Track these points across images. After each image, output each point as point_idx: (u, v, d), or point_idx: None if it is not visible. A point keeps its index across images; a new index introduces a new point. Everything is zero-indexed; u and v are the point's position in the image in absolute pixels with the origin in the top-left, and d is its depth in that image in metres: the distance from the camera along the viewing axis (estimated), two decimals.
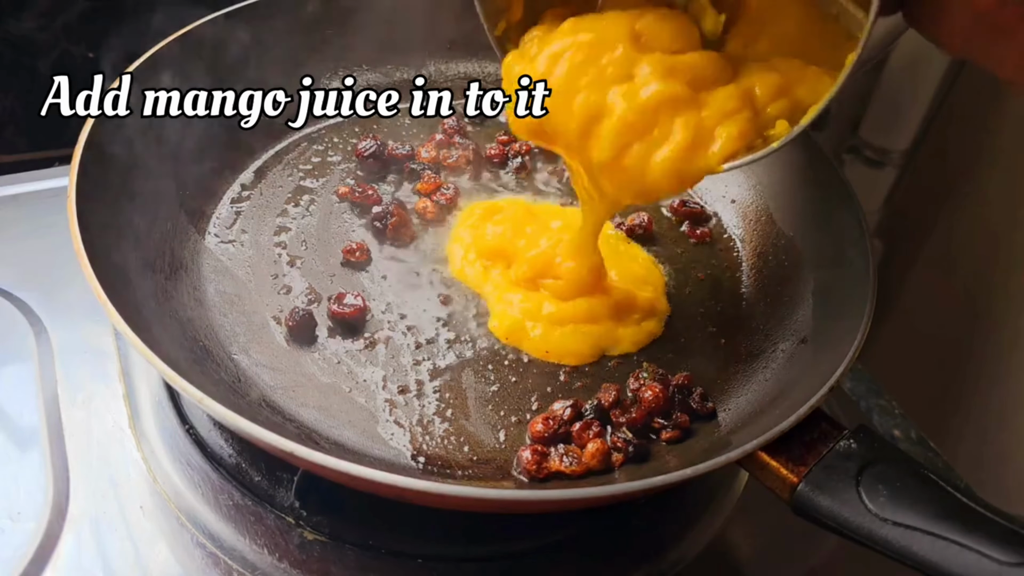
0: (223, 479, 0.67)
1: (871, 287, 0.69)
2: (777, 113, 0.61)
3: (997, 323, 1.00)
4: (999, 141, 1.01)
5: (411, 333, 0.74)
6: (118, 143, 0.73)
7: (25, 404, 0.70)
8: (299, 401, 0.67)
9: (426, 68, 1.00)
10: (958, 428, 1.04)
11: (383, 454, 0.64)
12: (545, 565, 0.65)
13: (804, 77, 0.61)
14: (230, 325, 0.72)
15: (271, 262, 0.78)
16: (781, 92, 0.62)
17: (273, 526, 0.64)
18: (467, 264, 0.80)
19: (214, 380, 0.65)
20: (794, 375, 0.70)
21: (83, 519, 0.63)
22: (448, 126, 0.93)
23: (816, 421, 0.58)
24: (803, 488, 0.55)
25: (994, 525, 0.50)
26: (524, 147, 0.93)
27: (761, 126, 0.62)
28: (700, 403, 0.69)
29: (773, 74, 0.62)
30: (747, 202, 0.89)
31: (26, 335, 0.75)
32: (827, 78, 0.60)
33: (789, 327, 0.76)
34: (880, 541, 0.51)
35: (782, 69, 0.62)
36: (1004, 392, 0.99)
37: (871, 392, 1.01)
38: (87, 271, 0.60)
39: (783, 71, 0.62)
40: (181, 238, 0.76)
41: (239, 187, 0.84)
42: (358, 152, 0.88)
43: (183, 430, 0.69)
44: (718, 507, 0.71)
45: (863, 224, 0.75)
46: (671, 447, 0.67)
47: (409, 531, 0.64)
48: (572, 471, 0.63)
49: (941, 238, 1.11)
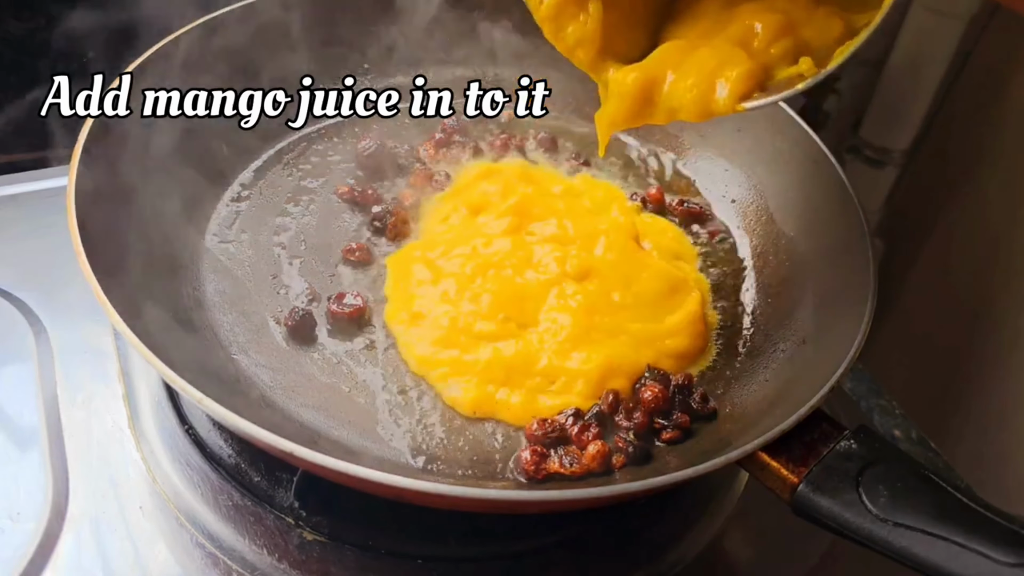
0: (222, 479, 0.66)
1: (871, 287, 0.69)
2: (780, 53, 0.61)
3: (997, 323, 1.00)
4: (999, 141, 1.01)
5: None
6: (118, 143, 0.73)
7: (25, 404, 0.70)
8: (299, 401, 0.67)
9: (426, 68, 1.00)
10: (958, 428, 1.04)
11: (383, 454, 0.64)
12: (545, 565, 0.65)
13: (812, 19, 0.61)
14: (230, 325, 0.71)
15: (271, 262, 0.78)
16: (784, 32, 0.62)
17: (273, 526, 0.64)
18: (454, 213, 0.82)
19: (214, 380, 0.65)
20: (794, 375, 0.70)
21: (83, 519, 0.63)
22: (448, 126, 0.93)
23: (816, 421, 0.58)
24: (803, 488, 0.55)
25: (994, 525, 0.50)
26: (520, 141, 0.93)
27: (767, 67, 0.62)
28: (701, 404, 0.69)
29: (775, 15, 0.62)
30: (747, 202, 0.89)
31: (26, 335, 0.75)
32: (837, 20, 0.60)
33: (789, 327, 0.76)
34: (880, 542, 0.51)
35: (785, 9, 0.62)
36: (1004, 392, 0.99)
37: (871, 392, 1.01)
38: (87, 271, 0.60)
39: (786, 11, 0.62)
40: (181, 238, 0.76)
41: (239, 187, 0.84)
42: (358, 152, 0.88)
43: (182, 430, 0.69)
44: (718, 507, 0.71)
45: (863, 224, 0.74)
46: (671, 448, 0.67)
47: (409, 531, 0.64)
48: (571, 472, 0.63)
49: (941, 238, 1.11)
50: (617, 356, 0.70)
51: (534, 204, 0.83)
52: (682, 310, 0.75)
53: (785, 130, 0.86)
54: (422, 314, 0.73)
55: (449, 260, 0.77)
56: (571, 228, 0.80)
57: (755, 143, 0.89)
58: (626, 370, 0.70)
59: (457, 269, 0.76)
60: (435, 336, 0.72)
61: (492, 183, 0.85)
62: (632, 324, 0.73)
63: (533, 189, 0.84)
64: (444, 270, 0.76)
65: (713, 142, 0.93)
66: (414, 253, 0.79)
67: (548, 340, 0.71)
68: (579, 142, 0.95)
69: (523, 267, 0.77)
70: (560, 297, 0.74)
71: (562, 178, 0.90)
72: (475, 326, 0.72)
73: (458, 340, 0.71)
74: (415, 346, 0.72)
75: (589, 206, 0.86)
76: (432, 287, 0.75)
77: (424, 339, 0.72)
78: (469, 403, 0.68)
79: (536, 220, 0.81)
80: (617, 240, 0.79)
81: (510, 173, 0.87)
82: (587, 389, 0.69)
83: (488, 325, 0.72)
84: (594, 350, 0.71)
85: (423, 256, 0.78)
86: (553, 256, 0.77)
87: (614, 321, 0.73)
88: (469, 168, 0.89)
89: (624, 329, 0.73)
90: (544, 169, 0.91)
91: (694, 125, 0.94)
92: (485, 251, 0.77)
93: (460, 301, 0.73)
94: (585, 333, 0.72)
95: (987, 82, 1.01)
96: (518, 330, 0.72)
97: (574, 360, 0.70)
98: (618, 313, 0.74)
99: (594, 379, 0.69)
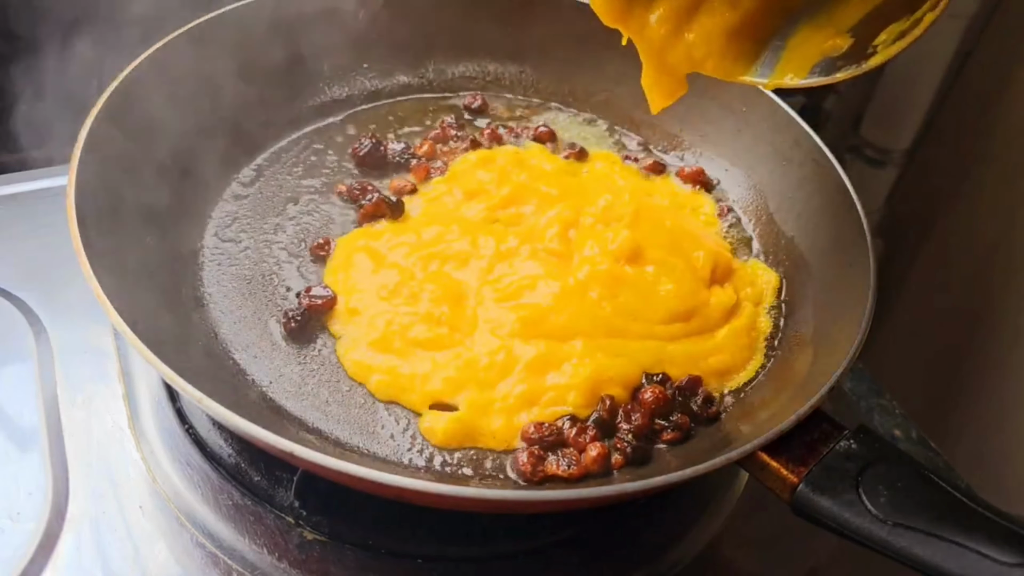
0: (223, 479, 0.66)
1: (871, 287, 0.68)
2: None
3: (997, 323, 1.00)
4: (999, 140, 1.01)
5: None
6: (118, 142, 0.73)
7: (25, 404, 0.70)
8: (299, 401, 0.67)
9: (426, 67, 1.00)
10: (958, 428, 1.04)
11: (383, 453, 0.64)
12: (545, 565, 0.65)
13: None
14: (230, 325, 0.71)
15: (271, 261, 0.78)
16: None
17: (273, 526, 0.64)
18: (445, 194, 0.82)
19: (214, 380, 0.65)
20: (794, 375, 0.70)
21: (82, 519, 0.63)
22: (445, 122, 0.93)
23: (816, 421, 0.58)
24: (803, 489, 0.55)
25: (994, 525, 0.50)
26: (519, 131, 0.94)
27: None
28: (703, 407, 0.68)
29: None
30: (747, 202, 0.89)
31: (26, 335, 0.75)
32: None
33: (789, 327, 0.76)
34: (880, 542, 0.51)
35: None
36: (1004, 392, 0.99)
37: (871, 392, 1.01)
38: (87, 271, 0.60)
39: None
40: (181, 237, 0.76)
41: (238, 186, 0.84)
42: (355, 150, 0.88)
43: (183, 430, 0.69)
44: (718, 507, 0.71)
45: (863, 224, 0.74)
46: (671, 448, 0.67)
47: (409, 531, 0.64)
48: (569, 475, 0.62)
49: (941, 238, 1.11)
50: (606, 368, 0.68)
51: (528, 193, 0.82)
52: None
53: (785, 130, 0.86)
54: (358, 310, 0.71)
55: (394, 250, 0.76)
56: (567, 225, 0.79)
57: (755, 143, 0.89)
58: (618, 381, 0.68)
59: (403, 261, 0.74)
60: (371, 338, 0.69)
61: (488, 171, 0.85)
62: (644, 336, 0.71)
63: (527, 175, 0.84)
64: (388, 260, 0.74)
65: (713, 142, 0.93)
66: (357, 242, 0.78)
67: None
68: (577, 135, 0.96)
69: (495, 261, 0.75)
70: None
71: (559, 159, 0.90)
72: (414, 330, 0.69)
73: (394, 345, 0.69)
74: (350, 349, 0.70)
75: (589, 184, 0.85)
76: (374, 277, 0.73)
77: (359, 341, 0.70)
78: (440, 434, 0.65)
79: (523, 205, 0.81)
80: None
81: (506, 160, 0.86)
82: (580, 399, 0.67)
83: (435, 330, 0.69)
84: (581, 363, 0.68)
85: (366, 246, 0.77)
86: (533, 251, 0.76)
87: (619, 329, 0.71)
88: (467, 156, 0.89)
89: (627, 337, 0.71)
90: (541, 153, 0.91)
91: (694, 124, 0.94)
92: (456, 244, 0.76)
93: (407, 300, 0.71)
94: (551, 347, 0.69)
95: (987, 82, 1.01)
96: (458, 336, 0.69)
97: (563, 375, 0.67)
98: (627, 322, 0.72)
99: (586, 390, 0.67)
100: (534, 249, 0.77)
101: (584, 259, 0.75)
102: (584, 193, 0.82)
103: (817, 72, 0.63)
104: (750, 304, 0.77)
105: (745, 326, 0.74)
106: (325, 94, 0.95)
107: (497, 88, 1.00)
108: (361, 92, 0.96)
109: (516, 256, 0.76)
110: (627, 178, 0.88)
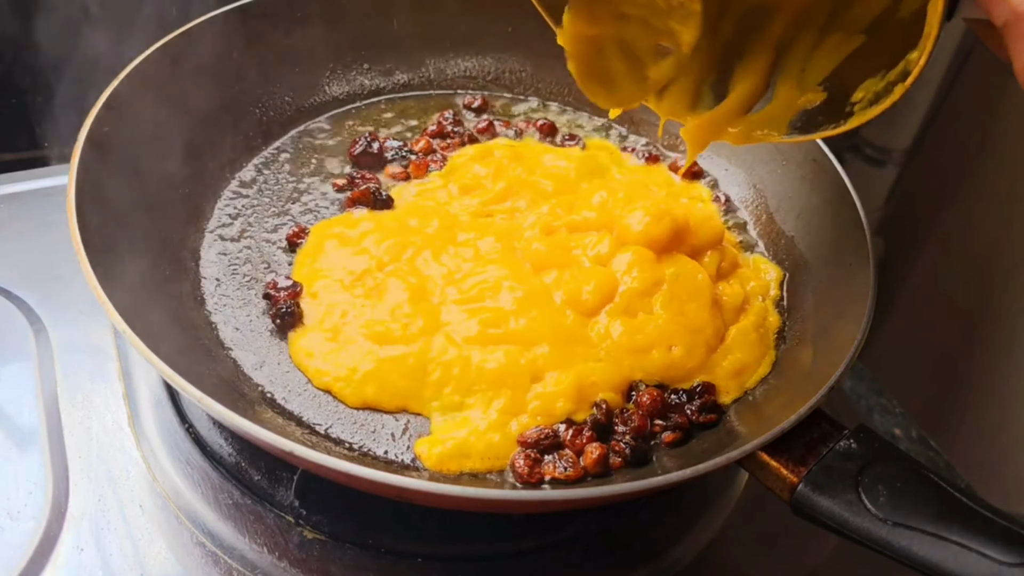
0: (223, 478, 0.67)
1: (871, 287, 0.69)
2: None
3: (997, 323, 1.00)
4: (1000, 139, 1.01)
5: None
6: (118, 141, 0.73)
7: (25, 403, 0.70)
8: (299, 400, 0.67)
9: (425, 66, 1.00)
10: (958, 428, 1.04)
11: (384, 453, 0.64)
12: (545, 565, 0.65)
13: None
14: (230, 324, 0.71)
15: (271, 260, 0.78)
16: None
17: (273, 525, 0.64)
18: (439, 188, 0.83)
19: (214, 379, 0.65)
20: (794, 374, 0.70)
21: (82, 518, 0.63)
22: (443, 117, 0.94)
23: (816, 421, 0.58)
24: (803, 488, 0.55)
25: (994, 525, 0.50)
26: (519, 127, 0.95)
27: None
28: (698, 414, 0.67)
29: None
30: (747, 202, 0.89)
31: (26, 334, 0.75)
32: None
33: (789, 327, 0.76)
34: (880, 541, 0.51)
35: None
36: (1004, 392, 0.99)
37: (871, 392, 1.01)
38: (87, 270, 0.60)
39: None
40: (181, 237, 0.76)
41: (238, 185, 0.84)
42: (353, 147, 0.88)
43: (183, 429, 0.69)
44: (718, 507, 0.71)
45: (863, 224, 0.74)
46: (670, 449, 0.67)
47: (409, 531, 0.64)
48: (567, 477, 0.62)
49: (941, 237, 1.11)
50: (588, 374, 0.66)
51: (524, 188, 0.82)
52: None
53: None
54: (317, 294, 0.71)
55: (365, 237, 0.75)
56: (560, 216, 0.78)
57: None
58: (603, 385, 0.66)
59: (374, 249, 0.73)
60: (324, 325, 0.68)
61: (484, 165, 0.85)
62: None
63: (523, 169, 0.84)
64: (358, 247, 0.74)
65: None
66: (332, 229, 0.77)
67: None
68: (576, 128, 0.97)
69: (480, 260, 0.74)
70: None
71: (557, 149, 0.90)
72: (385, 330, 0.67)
73: (342, 335, 0.67)
74: (300, 335, 0.69)
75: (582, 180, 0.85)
76: (339, 264, 0.72)
77: (312, 327, 0.69)
78: (434, 459, 0.63)
79: (519, 200, 0.81)
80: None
81: (503, 154, 0.87)
82: (571, 406, 0.65)
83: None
84: (563, 372, 0.66)
85: (340, 232, 0.76)
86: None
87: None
88: (464, 149, 0.89)
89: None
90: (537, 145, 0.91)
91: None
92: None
93: (369, 291, 0.69)
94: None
95: (987, 82, 1.01)
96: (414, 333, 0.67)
97: (546, 384, 0.66)
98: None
99: (571, 396, 0.65)
100: (508, 248, 0.75)
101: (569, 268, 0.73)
102: (581, 191, 0.82)
103: (797, 129, 0.66)
104: (757, 299, 0.77)
105: (754, 323, 0.74)
106: (325, 92, 0.95)
107: (497, 87, 1.01)
108: (361, 90, 0.97)
109: (488, 256, 0.74)
110: (624, 172, 0.89)
